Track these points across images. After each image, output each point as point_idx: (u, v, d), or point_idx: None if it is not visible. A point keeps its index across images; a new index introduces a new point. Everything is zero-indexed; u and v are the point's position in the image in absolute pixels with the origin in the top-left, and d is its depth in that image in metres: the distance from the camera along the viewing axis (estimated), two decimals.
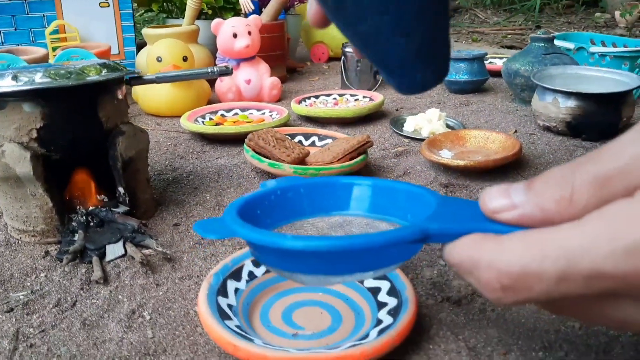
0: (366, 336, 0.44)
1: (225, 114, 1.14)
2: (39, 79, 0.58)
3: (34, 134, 0.61)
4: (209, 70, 0.70)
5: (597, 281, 0.27)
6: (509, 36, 2.52)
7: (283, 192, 0.45)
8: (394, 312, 0.46)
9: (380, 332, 0.44)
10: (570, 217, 0.29)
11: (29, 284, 0.57)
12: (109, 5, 1.43)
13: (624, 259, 0.26)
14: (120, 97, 0.67)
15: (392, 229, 0.41)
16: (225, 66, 0.70)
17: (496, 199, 0.33)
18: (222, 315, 0.46)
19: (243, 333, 0.44)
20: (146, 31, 1.41)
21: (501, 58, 1.67)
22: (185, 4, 1.47)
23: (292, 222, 0.45)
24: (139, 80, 0.68)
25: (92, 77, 0.61)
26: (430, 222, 0.36)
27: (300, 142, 0.93)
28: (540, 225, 0.30)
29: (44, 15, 1.38)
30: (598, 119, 0.96)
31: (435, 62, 0.41)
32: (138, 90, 1.24)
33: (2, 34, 1.36)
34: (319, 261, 0.36)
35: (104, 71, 0.63)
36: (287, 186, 0.45)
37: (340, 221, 0.45)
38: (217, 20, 1.25)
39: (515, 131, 1.06)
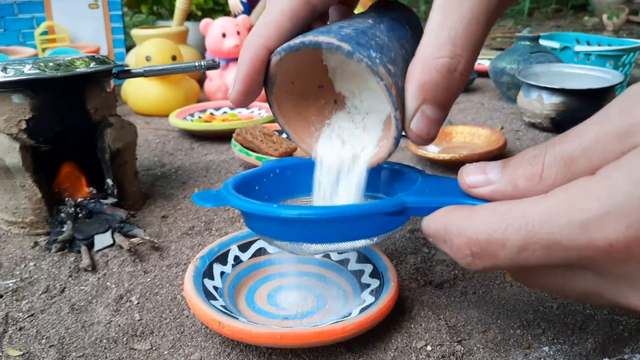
0: (349, 315, 0.45)
1: (214, 112, 1.15)
2: (28, 70, 0.59)
3: (23, 125, 0.62)
4: (196, 64, 0.71)
5: (555, 252, 0.29)
6: (498, 39, 2.54)
7: (282, 170, 0.48)
8: (376, 292, 0.47)
9: (362, 310, 0.45)
10: (539, 193, 0.31)
11: (18, 272, 0.58)
12: (98, 7, 1.43)
13: (578, 231, 0.28)
14: (108, 89, 0.68)
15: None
16: (212, 60, 0.71)
17: (473, 174, 0.35)
18: (208, 296, 0.47)
19: (228, 312, 0.45)
20: (135, 32, 1.42)
21: (489, 59, 1.68)
22: (175, 6, 1.48)
23: (289, 200, 0.47)
24: (127, 73, 0.69)
25: (81, 68, 0.62)
26: (408, 196, 0.38)
27: (288, 137, 0.94)
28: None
29: (33, 17, 1.38)
30: (581, 115, 0.97)
31: None
32: (127, 90, 1.24)
33: None
34: (304, 229, 0.38)
35: (93, 63, 0.64)
36: (286, 165, 0.47)
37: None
38: (205, 20, 1.26)
39: (502, 128, 1.07)
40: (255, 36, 0.39)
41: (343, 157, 0.42)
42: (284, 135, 0.94)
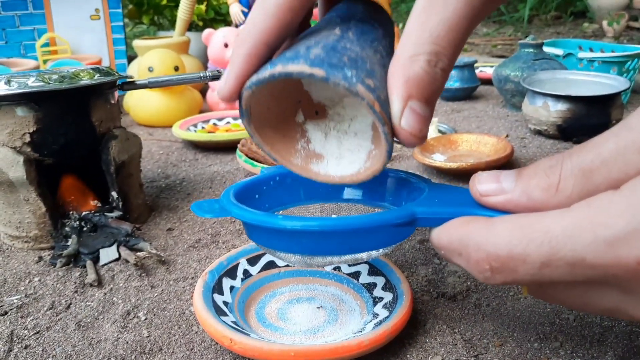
0: (362, 330, 0.44)
1: (218, 122, 1.15)
2: (32, 82, 0.58)
3: (27, 138, 0.61)
4: (201, 74, 0.70)
5: (579, 269, 0.28)
6: (499, 46, 2.54)
7: (282, 178, 0.47)
8: (390, 306, 0.46)
9: (377, 325, 0.44)
10: (555, 205, 0.30)
11: (22, 288, 0.57)
12: (100, 18, 1.43)
13: (604, 249, 0.26)
14: (112, 101, 0.67)
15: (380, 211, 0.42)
16: (217, 70, 0.71)
17: (486, 182, 0.34)
18: (218, 311, 0.46)
19: (239, 328, 0.44)
20: (137, 42, 1.41)
21: (492, 67, 1.68)
22: (176, 17, 1.47)
23: (289, 208, 0.46)
24: (131, 84, 0.68)
25: (85, 80, 0.61)
26: (418, 206, 0.37)
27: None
28: (525, 211, 0.32)
29: (34, 29, 1.38)
30: (588, 122, 0.97)
31: None
32: (129, 101, 1.24)
33: None
34: (309, 241, 0.37)
35: (97, 75, 0.63)
36: (286, 172, 0.46)
37: (336, 208, 0.46)
38: (207, 31, 1.26)
39: (507, 135, 1.06)
40: (253, 30, 0.37)
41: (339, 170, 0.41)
42: None
